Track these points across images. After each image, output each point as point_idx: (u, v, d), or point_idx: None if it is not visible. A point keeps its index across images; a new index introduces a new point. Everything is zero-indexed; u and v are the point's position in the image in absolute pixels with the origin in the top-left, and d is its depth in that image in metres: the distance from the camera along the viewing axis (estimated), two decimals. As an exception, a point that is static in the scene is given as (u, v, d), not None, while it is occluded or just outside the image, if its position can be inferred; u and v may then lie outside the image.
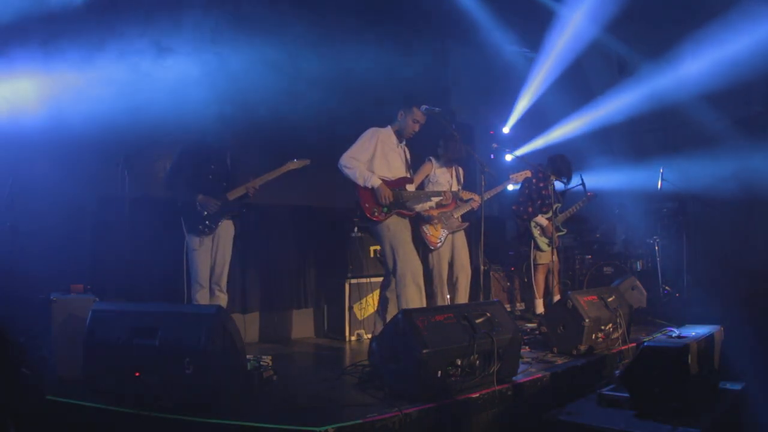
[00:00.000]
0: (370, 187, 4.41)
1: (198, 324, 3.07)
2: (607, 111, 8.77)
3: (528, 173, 5.95)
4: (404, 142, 4.72)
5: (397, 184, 4.55)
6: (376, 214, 4.42)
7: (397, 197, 4.48)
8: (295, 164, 4.69)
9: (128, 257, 4.60)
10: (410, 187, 4.69)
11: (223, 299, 4.58)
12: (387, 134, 4.60)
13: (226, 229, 4.59)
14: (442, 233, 5.29)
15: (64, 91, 4.25)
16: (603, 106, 8.84)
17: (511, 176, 5.82)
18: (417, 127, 4.60)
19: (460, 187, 5.47)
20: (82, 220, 4.59)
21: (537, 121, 8.95)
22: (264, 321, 5.37)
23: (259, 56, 5.34)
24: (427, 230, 5.24)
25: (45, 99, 4.20)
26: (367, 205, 4.43)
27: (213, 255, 4.52)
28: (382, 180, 4.45)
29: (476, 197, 5.36)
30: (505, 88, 8.98)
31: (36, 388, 3.00)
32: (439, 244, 5.25)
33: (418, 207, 5.04)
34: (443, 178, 5.42)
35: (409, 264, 4.36)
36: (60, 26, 4.26)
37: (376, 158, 4.50)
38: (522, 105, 9.15)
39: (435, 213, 5.30)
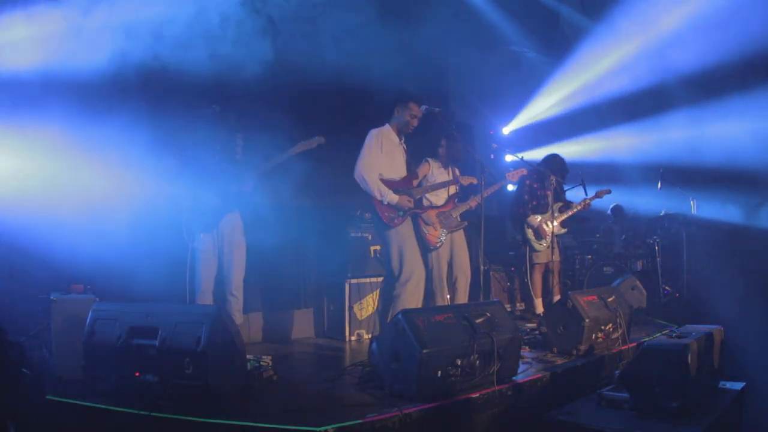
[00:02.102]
0: (386, 203, 4.39)
1: (198, 324, 3.07)
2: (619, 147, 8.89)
3: (524, 171, 5.92)
4: (403, 139, 4.69)
5: (404, 185, 4.55)
6: (395, 220, 4.41)
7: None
8: (305, 145, 4.41)
9: (129, 257, 4.59)
10: (414, 182, 4.73)
11: (235, 303, 4.34)
12: (388, 133, 4.56)
13: (232, 224, 4.34)
14: (442, 233, 5.28)
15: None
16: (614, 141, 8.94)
17: (507, 175, 5.81)
18: (415, 122, 4.55)
19: (459, 174, 5.48)
20: (82, 219, 4.57)
21: (541, 132, 8.99)
22: (264, 321, 5.36)
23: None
24: (427, 230, 5.23)
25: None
26: (386, 213, 4.40)
27: (219, 254, 4.32)
28: (390, 180, 4.47)
29: (475, 181, 5.36)
30: (506, 89, 8.99)
31: (36, 388, 3.00)
32: (438, 244, 5.24)
33: (434, 197, 5.17)
34: (441, 178, 5.42)
35: (416, 267, 4.37)
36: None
37: (381, 159, 4.46)
38: (528, 115, 9.23)
39: (434, 213, 5.29)
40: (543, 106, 9.29)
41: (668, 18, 7.66)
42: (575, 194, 6.51)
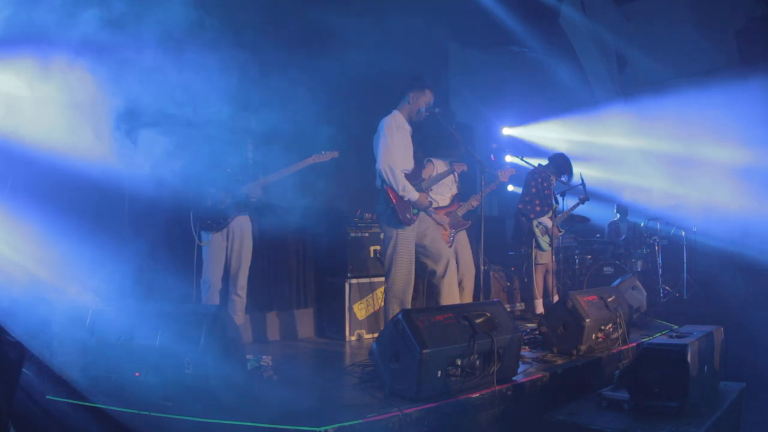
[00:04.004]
0: (407, 200, 4.27)
1: (198, 324, 3.07)
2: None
3: (513, 171, 5.88)
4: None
5: (414, 179, 4.45)
6: (408, 216, 4.31)
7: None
8: (317, 158, 4.47)
9: (131, 255, 4.58)
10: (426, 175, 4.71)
11: (239, 303, 4.40)
12: (401, 120, 4.39)
13: (242, 226, 4.41)
14: (451, 232, 5.34)
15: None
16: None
17: (498, 173, 5.79)
18: (426, 112, 4.42)
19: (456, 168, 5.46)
20: (82, 218, 4.56)
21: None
22: (264, 321, 5.37)
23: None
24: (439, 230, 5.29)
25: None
26: (405, 212, 4.29)
27: (227, 254, 4.37)
28: (403, 173, 4.37)
29: (465, 167, 5.32)
30: (506, 89, 9.00)
31: (36, 388, 3.01)
32: (450, 244, 5.29)
33: (439, 197, 5.15)
34: (447, 178, 5.44)
35: (401, 278, 4.30)
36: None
37: (398, 149, 4.32)
38: (527, 133, 9.29)
39: (443, 213, 5.32)
40: (543, 133, 9.41)
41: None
42: (576, 193, 6.52)
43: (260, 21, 5.34)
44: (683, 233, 7.51)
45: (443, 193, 5.42)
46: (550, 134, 9.32)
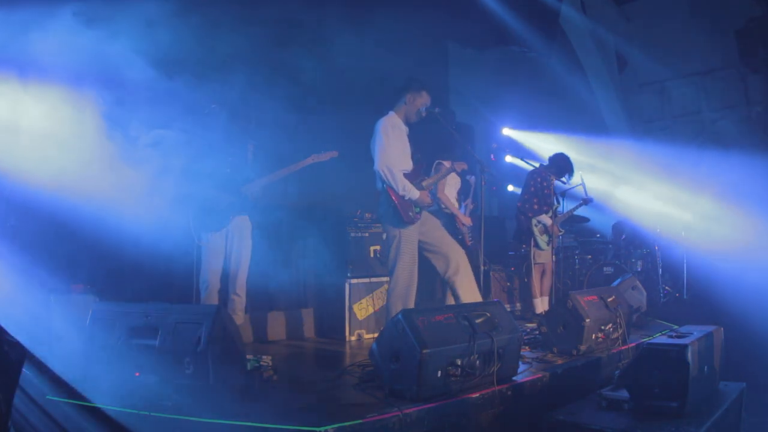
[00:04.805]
0: (408, 198, 4.26)
1: (198, 324, 3.07)
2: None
3: (464, 165, 5.84)
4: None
5: (414, 178, 4.44)
6: (411, 215, 4.29)
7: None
8: (316, 158, 4.49)
9: (130, 256, 4.58)
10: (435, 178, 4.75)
11: (239, 302, 4.42)
12: (396, 121, 4.39)
13: (241, 226, 4.42)
14: (468, 233, 5.42)
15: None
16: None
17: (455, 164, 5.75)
18: (424, 113, 4.42)
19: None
20: (82, 219, 4.56)
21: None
22: (264, 321, 5.37)
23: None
24: (464, 230, 5.34)
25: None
26: (407, 211, 4.27)
27: (227, 254, 4.39)
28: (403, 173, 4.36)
29: (465, 166, 5.32)
30: (506, 89, 8.99)
31: (36, 388, 3.01)
32: (471, 243, 5.35)
33: (451, 195, 5.25)
34: (454, 178, 5.47)
35: (404, 278, 4.30)
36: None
37: (396, 150, 4.31)
38: (527, 139, 9.31)
39: (463, 215, 5.39)
40: (541, 142, 9.43)
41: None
42: (575, 193, 6.53)
43: (259, 21, 5.35)
44: (683, 233, 7.50)
45: (454, 194, 5.45)
46: (549, 145, 9.33)
